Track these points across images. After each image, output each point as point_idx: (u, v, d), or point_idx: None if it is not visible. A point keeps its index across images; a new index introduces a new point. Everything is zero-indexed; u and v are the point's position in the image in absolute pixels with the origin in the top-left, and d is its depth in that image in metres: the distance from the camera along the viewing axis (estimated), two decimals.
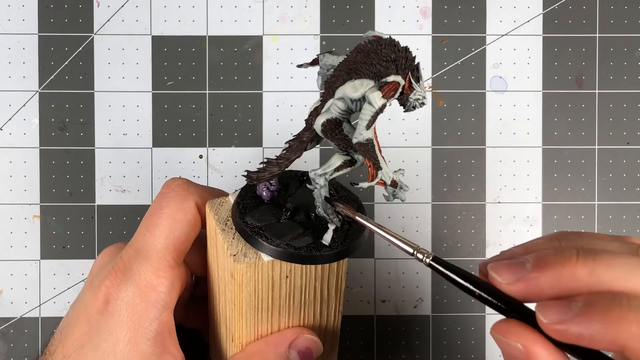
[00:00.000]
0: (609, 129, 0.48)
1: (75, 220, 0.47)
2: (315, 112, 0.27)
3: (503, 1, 0.48)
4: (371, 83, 0.25)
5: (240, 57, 0.48)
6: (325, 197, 0.28)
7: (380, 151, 0.26)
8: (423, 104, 0.26)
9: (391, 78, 0.25)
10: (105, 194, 0.48)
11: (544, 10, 0.48)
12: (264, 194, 0.29)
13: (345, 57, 0.26)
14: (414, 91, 0.25)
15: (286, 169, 0.29)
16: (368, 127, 0.25)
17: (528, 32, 0.48)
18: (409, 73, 0.25)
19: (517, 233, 0.48)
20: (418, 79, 0.25)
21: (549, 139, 0.48)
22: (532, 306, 0.24)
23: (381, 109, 0.24)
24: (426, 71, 0.48)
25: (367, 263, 0.48)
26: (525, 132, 0.48)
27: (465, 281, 0.24)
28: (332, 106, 0.26)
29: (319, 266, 0.29)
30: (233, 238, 0.28)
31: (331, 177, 0.27)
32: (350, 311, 0.48)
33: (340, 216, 0.29)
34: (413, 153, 0.48)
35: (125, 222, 0.47)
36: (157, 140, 0.48)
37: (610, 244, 0.24)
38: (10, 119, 0.47)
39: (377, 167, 0.26)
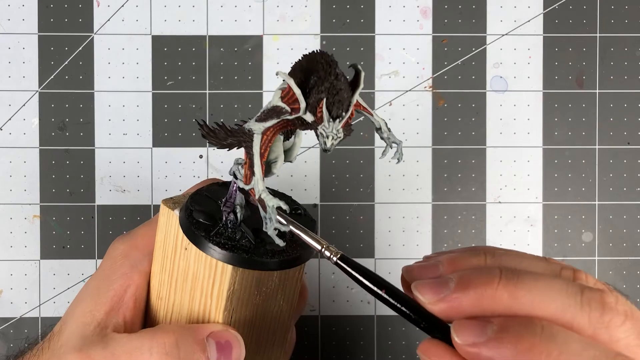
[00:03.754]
0: (609, 128, 0.48)
1: (75, 220, 0.47)
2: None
3: (503, 1, 0.48)
4: (280, 93, 0.24)
5: (241, 57, 0.48)
6: (240, 188, 0.27)
7: (262, 165, 0.25)
8: (328, 144, 0.23)
9: (275, 100, 0.24)
10: (105, 194, 0.48)
11: (544, 10, 0.48)
12: (233, 216, 0.28)
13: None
14: (322, 124, 0.23)
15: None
16: (258, 119, 0.25)
17: (528, 32, 0.48)
18: (324, 100, 0.23)
19: (517, 233, 0.48)
20: (332, 113, 0.23)
21: (550, 139, 0.48)
22: None
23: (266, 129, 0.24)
24: (426, 71, 0.48)
25: (367, 263, 0.48)
26: (525, 132, 0.48)
27: (369, 281, 0.24)
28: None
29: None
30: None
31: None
32: (350, 311, 0.48)
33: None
34: (413, 153, 0.48)
35: (125, 222, 0.47)
36: (157, 140, 0.48)
37: (534, 263, 0.24)
38: (10, 119, 0.47)
39: (252, 171, 0.25)
